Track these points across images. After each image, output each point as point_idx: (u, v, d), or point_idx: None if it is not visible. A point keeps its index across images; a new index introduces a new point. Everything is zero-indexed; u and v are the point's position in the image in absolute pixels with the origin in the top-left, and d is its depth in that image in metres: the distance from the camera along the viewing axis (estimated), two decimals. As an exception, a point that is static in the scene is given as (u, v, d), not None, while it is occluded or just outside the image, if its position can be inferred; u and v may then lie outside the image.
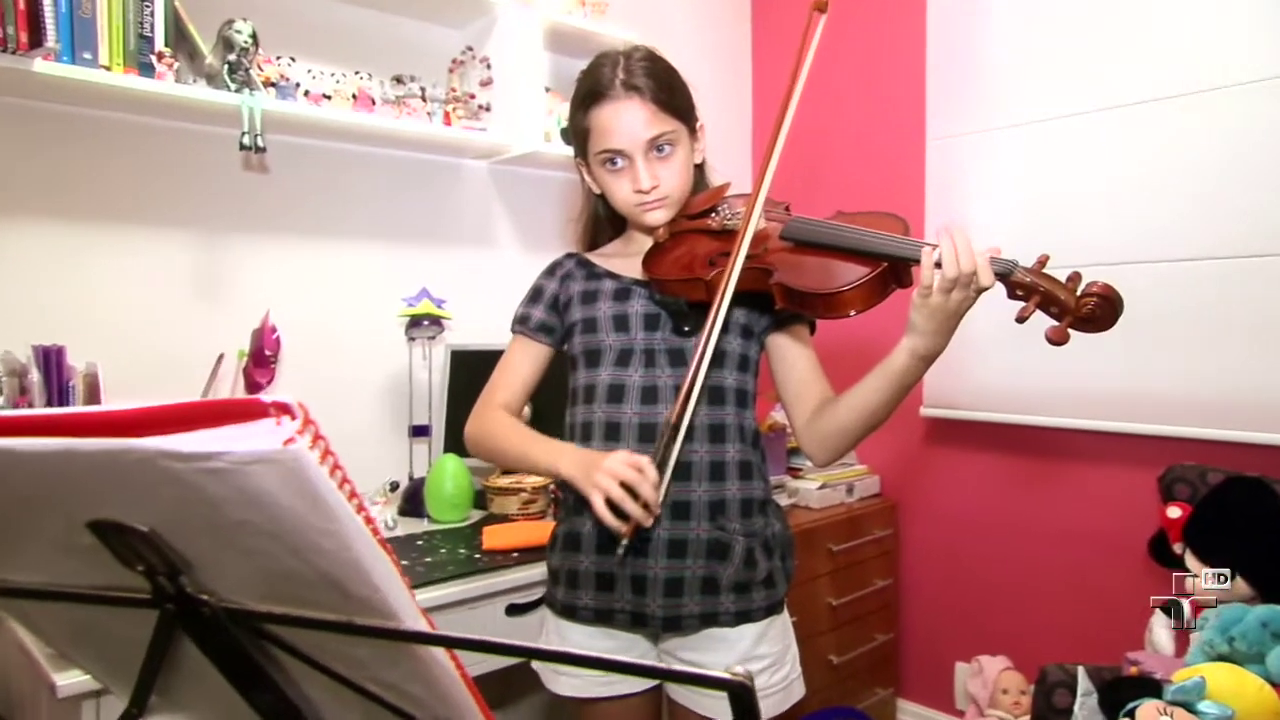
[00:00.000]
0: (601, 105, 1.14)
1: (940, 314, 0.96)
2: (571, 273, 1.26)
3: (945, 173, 2.29)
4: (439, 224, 2.17)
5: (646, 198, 1.16)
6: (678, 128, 1.17)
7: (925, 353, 1.01)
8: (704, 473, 1.14)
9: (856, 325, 1.10)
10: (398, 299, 1.98)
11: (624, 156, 1.15)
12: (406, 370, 2.03)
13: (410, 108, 1.93)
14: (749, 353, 1.20)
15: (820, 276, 1.01)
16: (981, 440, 2.32)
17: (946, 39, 2.28)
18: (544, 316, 1.25)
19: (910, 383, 1.05)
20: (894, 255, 0.98)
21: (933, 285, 0.94)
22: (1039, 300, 0.91)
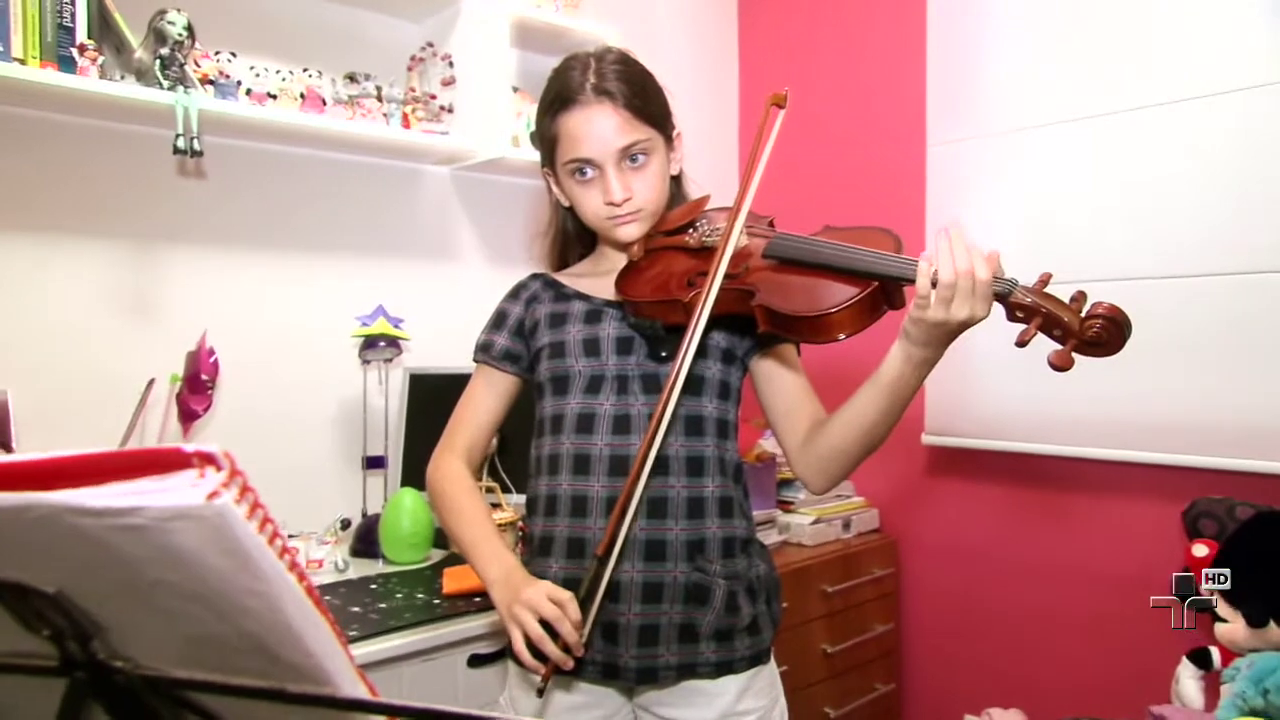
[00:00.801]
0: (570, 111, 1.16)
1: (938, 329, 0.97)
2: (538, 295, 1.27)
3: (947, 180, 2.31)
4: (396, 236, 2.17)
5: (618, 210, 1.17)
6: (652, 136, 1.18)
7: (920, 360, 1.02)
8: (681, 510, 1.14)
9: (849, 347, 1.10)
10: (351, 318, 1.98)
11: (594, 166, 1.17)
12: (360, 396, 2.03)
13: (365, 109, 1.93)
14: (730, 379, 1.21)
15: (806, 298, 1.02)
16: (989, 471, 2.32)
17: (948, 38, 2.30)
18: (508, 343, 1.25)
19: (907, 393, 1.05)
20: (885, 274, 0.99)
21: (930, 296, 0.95)
22: (1040, 322, 0.92)
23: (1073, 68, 2.10)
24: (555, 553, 1.18)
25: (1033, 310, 0.92)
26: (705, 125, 2.79)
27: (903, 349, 1.02)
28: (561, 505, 1.18)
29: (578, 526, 1.16)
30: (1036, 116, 2.16)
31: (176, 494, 0.42)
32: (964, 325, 0.96)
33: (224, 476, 0.42)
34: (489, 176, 2.28)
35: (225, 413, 1.88)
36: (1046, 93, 2.14)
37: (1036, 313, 0.92)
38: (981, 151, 2.25)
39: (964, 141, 2.28)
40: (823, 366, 1.50)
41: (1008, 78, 2.20)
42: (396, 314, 2.00)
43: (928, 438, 2.36)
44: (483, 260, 2.32)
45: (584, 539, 1.15)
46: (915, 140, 2.39)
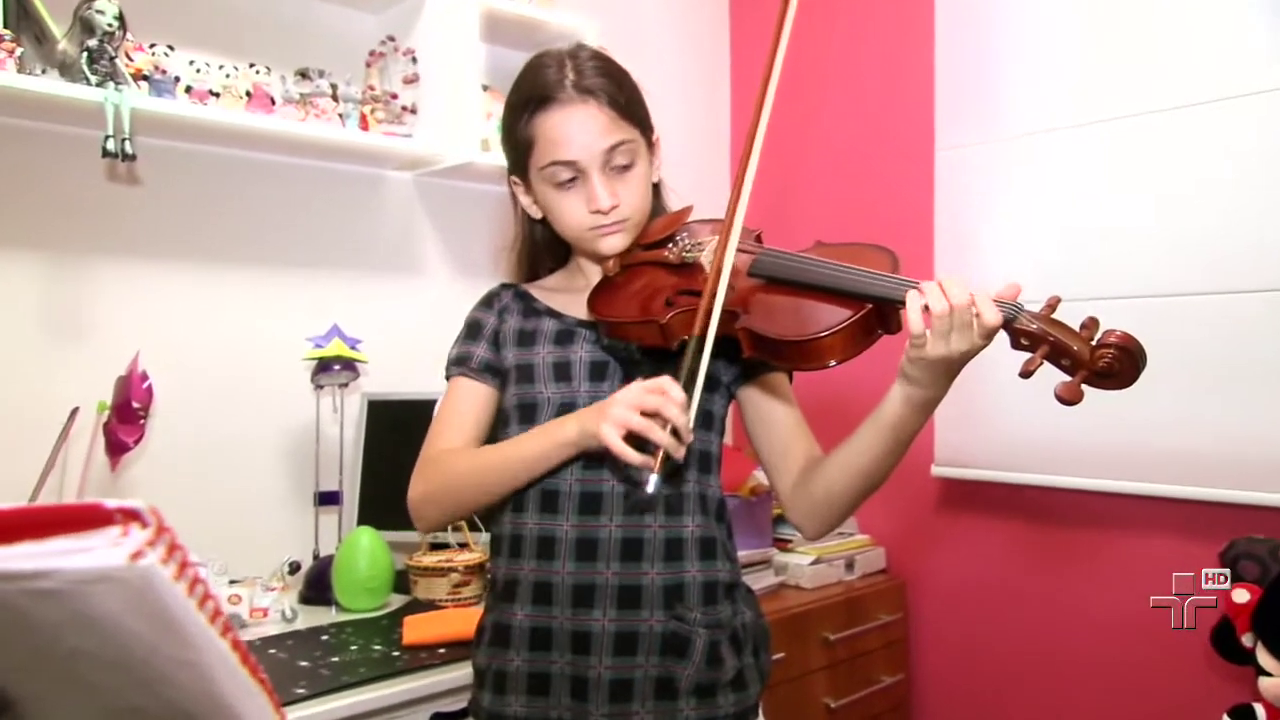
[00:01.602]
0: (549, 111, 1.16)
1: (940, 365, 0.98)
2: (509, 306, 1.28)
3: (956, 187, 2.32)
4: (354, 248, 2.17)
5: (604, 219, 1.18)
6: (637, 138, 1.20)
7: (921, 400, 1.02)
8: (657, 551, 1.15)
9: (845, 374, 1.10)
10: (302, 338, 1.98)
11: (576, 170, 1.17)
12: (312, 425, 2.02)
13: (318, 108, 1.93)
14: (713, 408, 1.22)
15: (794, 320, 1.03)
16: (1006, 506, 2.32)
17: (958, 36, 2.31)
18: (487, 355, 1.25)
19: (908, 435, 1.06)
20: (881, 295, 0.99)
21: (925, 332, 0.96)
22: (1047, 351, 0.92)
23: (1091, 67, 2.11)
24: (520, 598, 1.18)
25: (1038, 338, 0.93)
26: (694, 130, 2.81)
27: (902, 390, 1.03)
28: (527, 546, 1.18)
29: (544, 570, 1.16)
30: (1052, 120, 2.17)
31: (96, 554, 0.42)
32: (966, 357, 0.97)
33: (149, 534, 0.42)
34: (456, 183, 2.28)
35: (159, 445, 1.87)
36: (1063, 94, 2.15)
37: (1042, 341, 0.93)
38: (993, 157, 2.26)
39: (974, 146, 2.29)
40: (817, 395, 1.49)
41: (1021, 78, 2.21)
42: (353, 334, 1.99)
43: (938, 469, 2.36)
44: (449, 274, 2.32)
45: (551, 583, 1.15)
46: (922, 145, 2.40)
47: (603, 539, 1.15)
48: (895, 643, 2.43)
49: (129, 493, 1.86)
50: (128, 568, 0.42)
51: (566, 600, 1.15)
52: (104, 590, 0.43)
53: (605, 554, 1.14)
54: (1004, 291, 0.97)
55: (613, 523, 1.15)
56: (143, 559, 0.42)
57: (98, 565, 0.42)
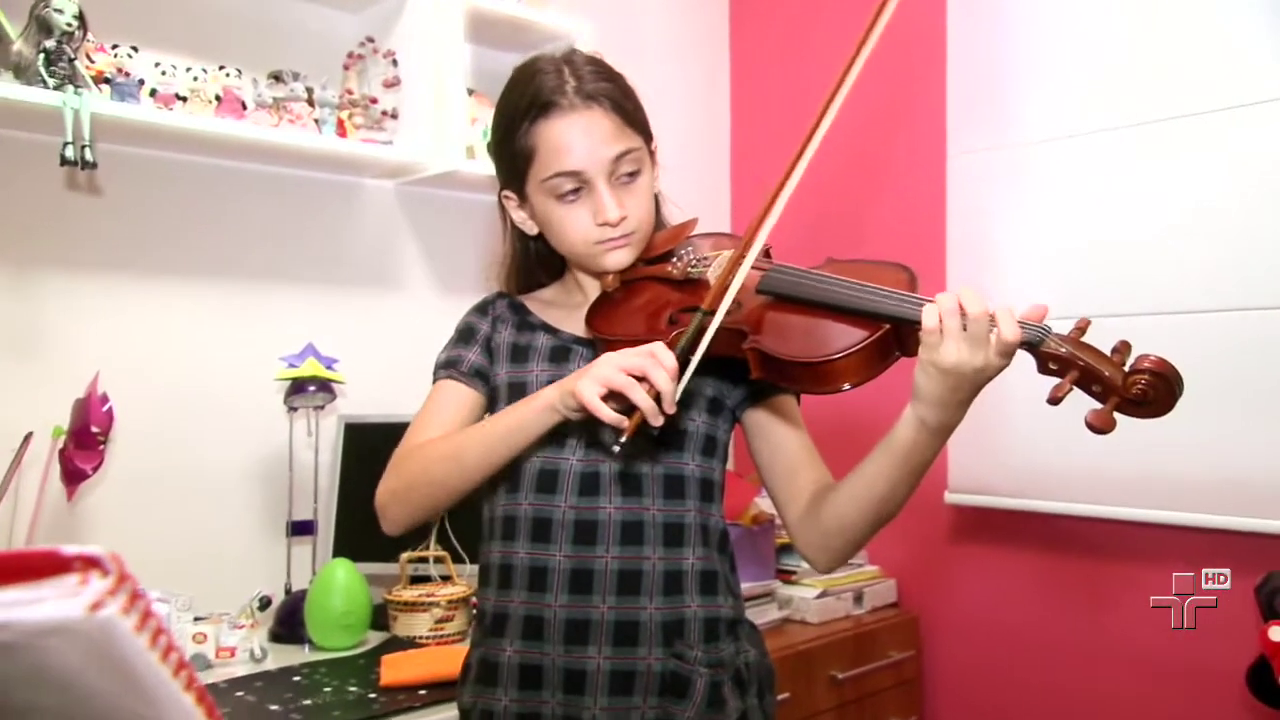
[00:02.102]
0: (551, 118, 1.17)
1: (951, 378, 0.97)
2: (503, 316, 1.29)
3: (970, 194, 2.32)
4: (330, 261, 2.17)
5: (612, 232, 1.19)
6: (641, 145, 1.21)
7: (936, 424, 1.02)
8: (656, 585, 1.15)
9: (858, 394, 1.08)
10: (274, 358, 1.97)
11: (582, 181, 1.18)
12: (285, 450, 2.02)
13: (292, 114, 1.93)
14: (716, 433, 1.23)
15: (805, 341, 1.03)
16: (1025, 535, 2.31)
17: (972, 35, 2.32)
18: (479, 360, 1.26)
19: (922, 462, 1.06)
20: (898, 315, 1.00)
21: (939, 329, 0.96)
22: (1076, 377, 0.93)
23: (1116, 66, 2.11)
24: (510, 633, 1.18)
25: (1068, 363, 0.94)
26: (691, 137, 2.82)
27: (915, 412, 1.03)
28: (517, 577, 1.18)
29: (535, 603, 1.17)
30: (1073, 123, 2.16)
31: (52, 605, 0.41)
32: (981, 375, 0.97)
33: (110, 583, 0.42)
34: (440, 192, 2.28)
35: (120, 472, 1.85)
36: (1086, 96, 2.15)
37: (1072, 365, 0.93)
38: (1009, 163, 2.26)
39: (989, 151, 2.29)
40: (827, 418, 1.49)
41: (1040, 78, 2.20)
42: (329, 353, 1.99)
43: (952, 496, 2.35)
44: (432, 290, 2.32)
45: (542, 617, 1.16)
46: (934, 150, 2.40)
47: (598, 570, 1.15)
48: (908, 682, 2.42)
49: (87, 524, 1.84)
50: (86, 619, 0.41)
51: (559, 636, 1.15)
52: (61, 643, 0.42)
53: (601, 587, 1.15)
54: (1029, 312, 0.97)
55: (609, 553, 1.15)
56: (103, 610, 0.41)
57: (54, 617, 0.41)
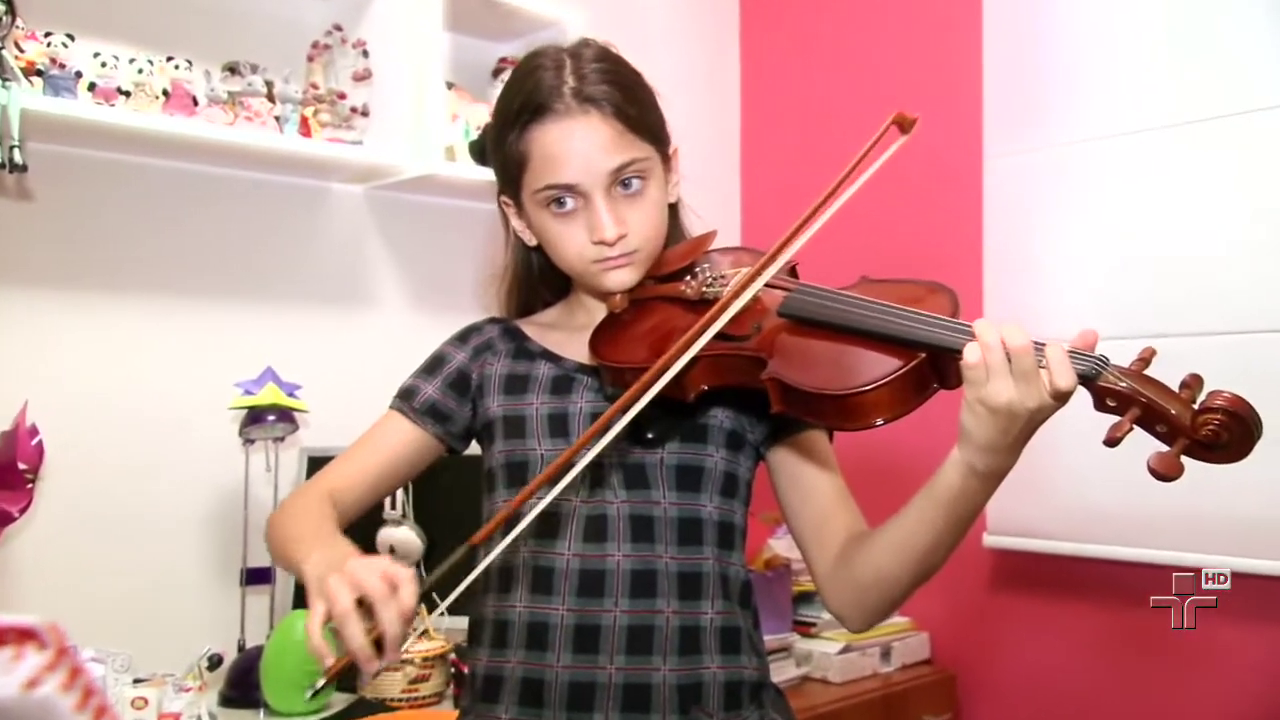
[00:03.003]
0: (545, 124, 1.17)
1: (1002, 419, 0.96)
2: (493, 345, 1.30)
3: (1009, 200, 2.32)
4: (292, 275, 2.17)
5: (609, 251, 1.19)
6: (650, 155, 1.21)
7: (985, 469, 1.01)
8: (671, 643, 1.14)
9: (896, 428, 1.06)
10: (229, 383, 1.95)
11: (577, 195, 1.18)
12: (240, 487, 1.99)
13: (250, 110, 1.93)
14: (737, 471, 1.22)
15: (832, 371, 1.03)
16: (1076, 583, 2.29)
17: (1010, 25, 2.32)
18: (438, 396, 1.28)
19: (970, 510, 1.06)
20: (937, 344, 0.99)
21: (985, 374, 0.95)
22: (1138, 415, 0.92)
23: (1171, 58, 2.10)
24: (505, 698, 1.17)
25: (1128, 399, 0.93)
26: (697, 137, 2.78)
27: (962, 456, 1.02)
28: (514, 634, 1.17)
29: (535, 663, 1.16)
30: (1123, 121, 2.15)
31: None
32: (1034, 416, 0.96)
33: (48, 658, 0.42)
34: (416, 198, 2.28)
35: (51, 514, 1.83)
36: (1136, 90, 2.14)
37: (1133, 402, 0.93)
38: (1052, 165, 2.25)
39: (1031, 153, 2.28)
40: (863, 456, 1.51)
41: (1085, 73, 2.20)
42: (291, 378, 1.98)
43: (992, 539, 2.34)
44: (407, 307, 2.31)
45: (543, 680, 1.15)
46: (969, 152, 2.41)
47: (605, 626, 1.14)
48: (942, 749, 2.40)
49: (12, 574, 1.82)
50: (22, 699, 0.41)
51: (561, 701, 1.14)
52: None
53: (608, 645, 1.14)
54: (1080, 340, 0.96)
55: (618, 607, 1.15)
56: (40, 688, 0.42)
57: (-14, 693, 0.42)
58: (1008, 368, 0.94)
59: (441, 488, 1.77)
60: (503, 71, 2.28)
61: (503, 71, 2.28)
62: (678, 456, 1.18)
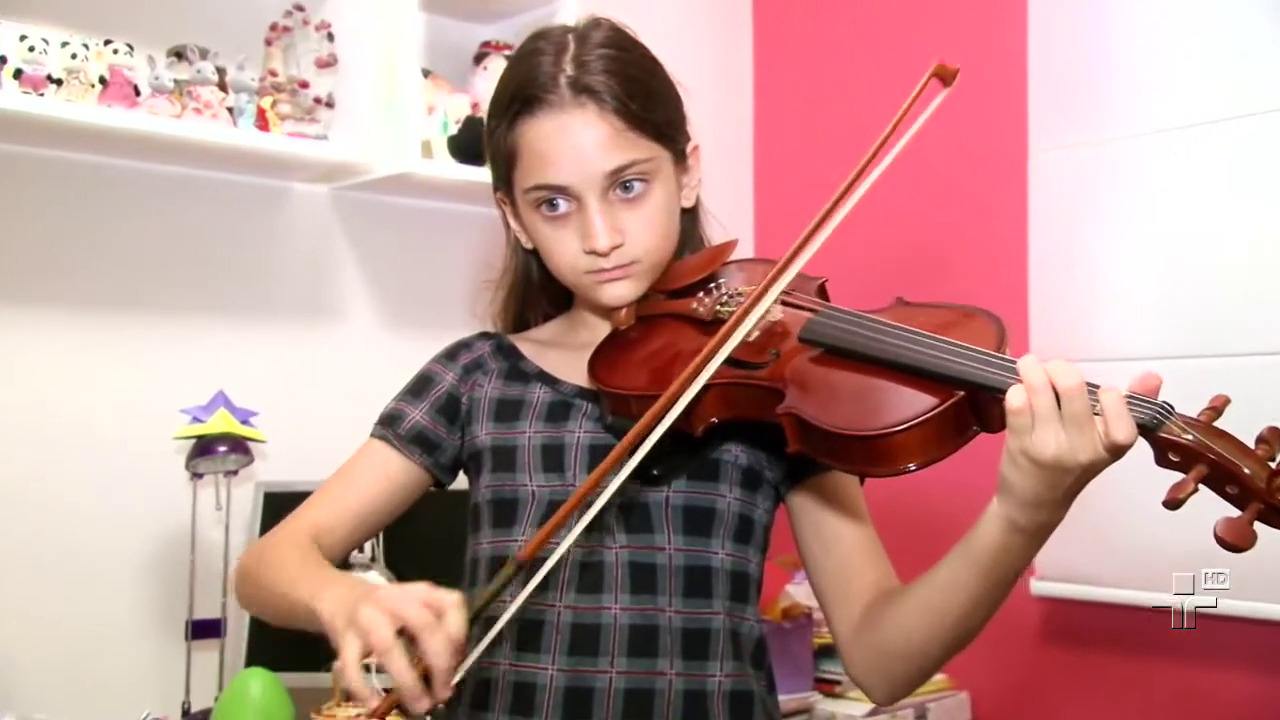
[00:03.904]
0: (536, 116, 1.17)
1: (1048, 472, 0.95)
2: (484, 363, 1.30)
3: (1056, 200, 2.31)
4: (248, 286, 2.16)
5: (603, 262, 1.19)
6: (656, 155, 1.20)
7: (1029, 525, 1.00)
8: (674, 710, 1.14)
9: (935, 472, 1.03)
10: (174, 410, 1.93)
11: (569, 197, 1.18)
12: (186, 528, 1.96)
13: (200, 101, 1.91)
14: (753, 513, 1.22)
15: (857, 407, 1.03)
16: (1136, 638, 2.27)
17: (1056, 9, 2.33)
18: (426, 422, 1.26)
19: (1012, 569, 1.05)
20: (978, 381, 0.98)
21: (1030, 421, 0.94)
22: (1205, 473, 0.90)
23: (1239, 43, 2.09)
24: None
25: (1194, 454, 0.91)
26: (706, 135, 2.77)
27: (1003, 510, 1.01)
28: (497, 696, 1.17)
29: None
30: (1184, 112, 2.14)
31: None
32: (1086, 471, 0.95)
33: None
34: (388, 199, 2.29)
35: None
36: (1198, 79, 2.13)
37: (1199, 459, 0.90)
38: (1105, 161, 2.25)
39: (1080, 148, 2.28)
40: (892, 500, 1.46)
41: (1141, 60, 2.19)
42: (245, 403, 1.97)
43: (1041, 586, 2.32)
44: (379, 323, 2.31)
45: None
46: (1012, 146, 2.41)
47: (599, 689, 1.14)
48: (986, 825, 2.38)
49: None
50: None
51: None
52: None
53: (603, 711, 1.13)
54: (1138, 383, 0.95)
55: (614, 668, 1.14)
56: None
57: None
58: (1057, 414, 0.93)
59: (416, 526, 1.73)
60: (486, 57, 2.29)
61: (486, 57, 2.29)
62: (685, 496, 1.17)
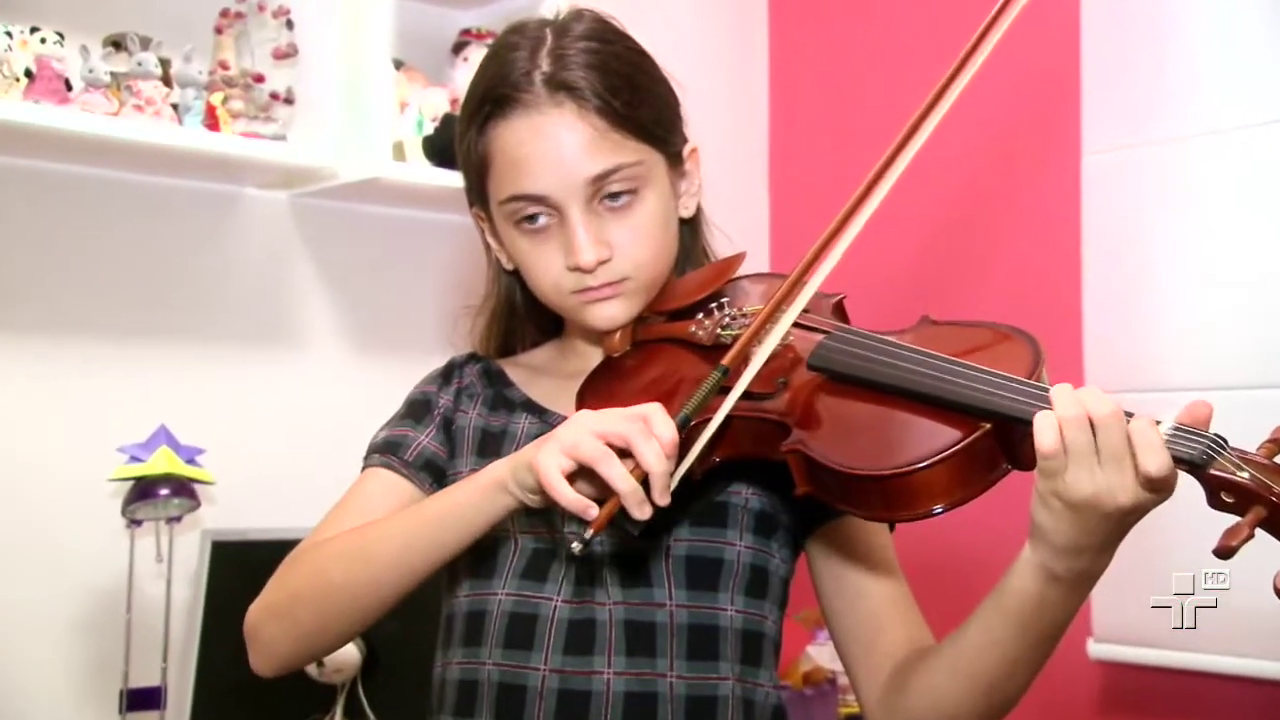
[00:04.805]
0: (509, 118, 1.18)
1: (1084, 516, 0.95)
2: (472, 388, 1.32)
3: (1111, 205, 2.31)
4: (195, 307, 2.16)
5: (589, 280, 1.19)
6: (645, 158, 1.20)
7: (1065, 573, 1.00)
8: None
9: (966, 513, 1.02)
10: (110, 448, 1.92)
11: (549, 208, 1.18)
12: (122, 583, 1.96)
13: (141, 97, 1.90)
14: (768, 563, 1.22)
15: (872, 442, 1.04)
16: (1210, 708, 2.26)
17: None
18: (435, 448, 1.27)
19: (1051, 625, 1.05)
20: (1002, 412, 0.98)
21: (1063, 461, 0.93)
22: (1264, 517, 0.89)
23: None
24: None
25: (1250, 495, 0.90)
26: (717, 139, 2.76)
27: (1036, 557, 1.01)
28: None
29: None
30: (1252, 109, 2.14)
31: None
32: (1127, 514, 0.95)
33: None
34: (355, 207, 2.29)
35: None
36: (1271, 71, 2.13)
37: (1257, 500, 0.90)
38: (1165, 162, 2.24)
39: (1138, 148, 2.28)
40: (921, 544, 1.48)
41: (1204, 53, 2.20)
42: (191, 440, 1.96)
43: (1100, 649, 2.31)
44: (343, 347, 2.31)
45: None
46: (1064, 147, 2.41)
47: None
48: None
49: None
50: None
51: None
52: None
53: None
54: (1185, 414, 0.94)
55: None
56: None
57: None
58: (1093, 449, 0.92)
59: None
60: (466, 47, 2.28)
61: (466, 47, 2.28)
62: (688, 545, 1.17)
